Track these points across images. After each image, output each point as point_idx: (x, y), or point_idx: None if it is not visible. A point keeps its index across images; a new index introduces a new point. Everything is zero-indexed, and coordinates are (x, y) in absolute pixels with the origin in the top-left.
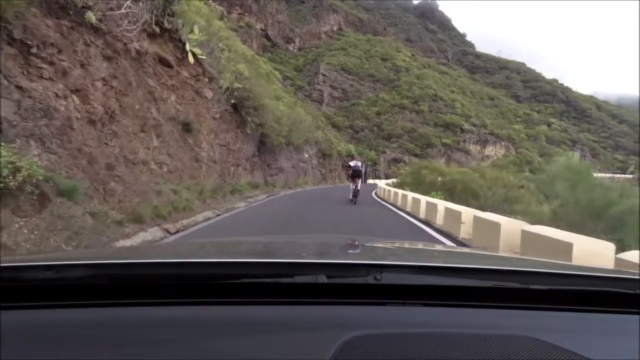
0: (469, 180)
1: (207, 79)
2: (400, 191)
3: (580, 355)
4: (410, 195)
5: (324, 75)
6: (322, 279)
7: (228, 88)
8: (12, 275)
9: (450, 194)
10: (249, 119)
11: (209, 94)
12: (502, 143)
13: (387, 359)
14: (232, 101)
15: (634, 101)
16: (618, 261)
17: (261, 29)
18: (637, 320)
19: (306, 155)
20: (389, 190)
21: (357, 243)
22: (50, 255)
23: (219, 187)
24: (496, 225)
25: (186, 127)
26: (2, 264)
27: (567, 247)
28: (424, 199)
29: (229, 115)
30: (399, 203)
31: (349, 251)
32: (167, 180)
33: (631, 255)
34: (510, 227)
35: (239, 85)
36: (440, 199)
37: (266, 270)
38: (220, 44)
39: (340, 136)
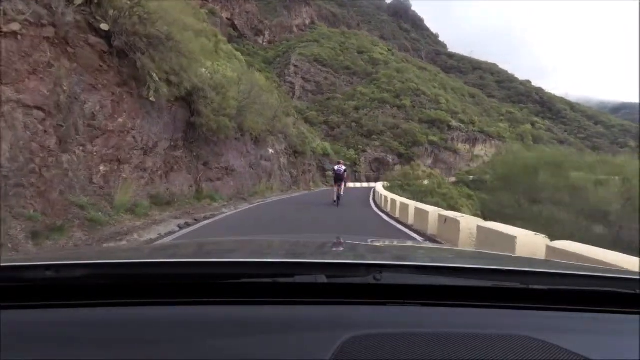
0: None
1: None
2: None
3: (580, 355)
4: None
5: (295, 66)
6: (322, 279)
7: None
8: (12, 275)
9: None
10: (151, 72)
11: None
12: (493, 142)
13: (387, 359)
14: (102, 26)
15: (600, 105)
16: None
17: (227, 18)
18: (637, 320)
19: (271, 150)
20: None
21: (356, 243)
22: (50, 255)
23: None
24: None
25: None
26: (2, 264)
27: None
28: None
29: (95, 55)
30: None
31: (349, 251)
32: None
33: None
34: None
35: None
36: None
37: (266, 270)
38: None
39: (315, 132)
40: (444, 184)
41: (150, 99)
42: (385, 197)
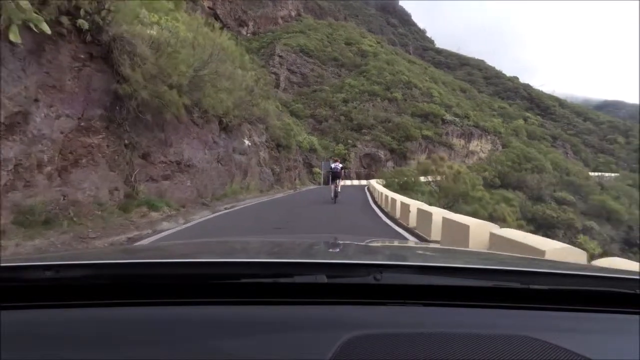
0: None
1: None
2: None
3: (580, 355)
4: None
5: (280, 57)
6: (322, 279)
7: None
8: (12, 275)
9: None
10: None
11: None
12: (488, 137)
13: (387, 359)
14: None
15: (585, 102)
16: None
17: (209, 7)
18: (637, 320)
19: (247, 142)
20: None
21: (356, 243)
22: (50, 255)
23: None
24: None
25: None
26: (2, 264)
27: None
28: None
29: None
30: None
31: (349, 251)
32: None
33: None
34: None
35: None
36: None
37: (266, 270)
38: None
39: (301, 125)
40: (478, 185)
41: (10, 38)
42: (403, 204)
